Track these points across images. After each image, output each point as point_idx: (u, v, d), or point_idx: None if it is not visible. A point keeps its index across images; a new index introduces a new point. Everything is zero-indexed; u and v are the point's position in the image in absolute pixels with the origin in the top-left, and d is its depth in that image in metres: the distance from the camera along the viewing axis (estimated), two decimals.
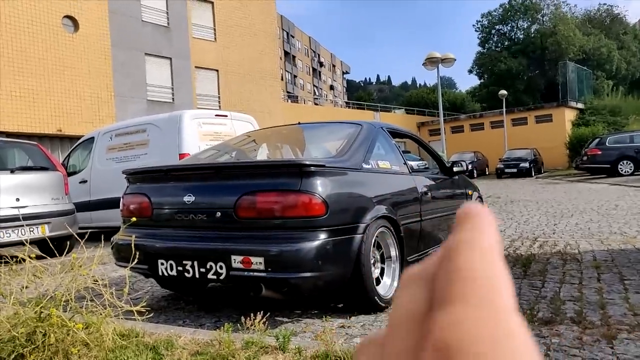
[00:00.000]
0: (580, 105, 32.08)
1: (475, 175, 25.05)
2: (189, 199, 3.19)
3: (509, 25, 44.34)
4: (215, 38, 22.40)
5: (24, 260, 2.51)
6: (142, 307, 2.39)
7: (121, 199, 3.69)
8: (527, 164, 24.16)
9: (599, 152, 18.29)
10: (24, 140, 7.79)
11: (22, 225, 5.58)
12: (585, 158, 19.06)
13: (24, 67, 15.53)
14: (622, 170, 17.68)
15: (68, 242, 6.19)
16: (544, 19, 42.38)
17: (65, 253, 5.88)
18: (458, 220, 0.23)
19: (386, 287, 3.40)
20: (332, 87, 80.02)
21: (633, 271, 3.96)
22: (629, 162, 17.69)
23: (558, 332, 2.67)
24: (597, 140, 19.36)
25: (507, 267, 0.22)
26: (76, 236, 2.88)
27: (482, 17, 45.66)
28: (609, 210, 8.27)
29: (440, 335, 0.18)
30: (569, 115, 31.06)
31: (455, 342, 0.18)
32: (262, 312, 2.68)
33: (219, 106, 21.60)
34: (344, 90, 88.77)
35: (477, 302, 0.19)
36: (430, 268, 0.23)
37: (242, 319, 2.71)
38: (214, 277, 3.00)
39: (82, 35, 17.07)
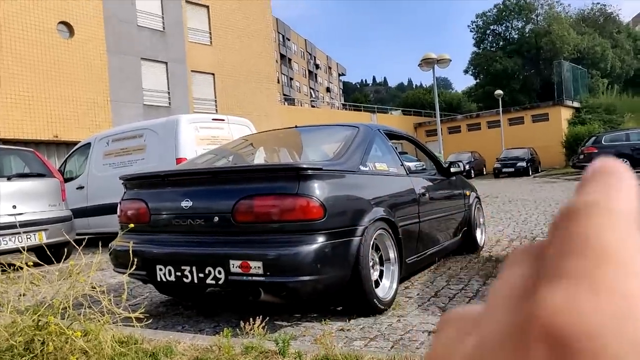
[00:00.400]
0: (576, 104, 32.19)
1: (472, 176, 25.08)
2: (186, 204, 3.18)
3: (504, 25, 44.48)
4: (211, 42, 22.40)
5: (22, 268, 2.50)
6: (140, 313, 2.38)
7: (119, 205, 3.68)
8: (524, 163, 24.21)
9: (596, 151, 18.34)
10: (20, 146, 7.77)
11: (19, 233, 5.56)
12: (581, 157, 19.10)
13: (20, 73, 15.50)
14: None
15: (65, 249, 6.16)
16: (538, 19, 42.52)
17: (62, 260, 5.85)
18: (586, 177, 0.19)
19: (385, 289, 3.40)
20: (328, 89, 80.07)
21: None
22: (625, 160, 17.71)
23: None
24: (593, 138, 19.43)
25: None
26: (73, 243, 2.87)
27: (476, 18, 45.77)
28: None
29: (552, 320, 0.14)
30: (565, 114, 31.16)
31: (571, 329, 0.14)
32: (261, 316, 2.68)
33: (216, 110, 21.59)
34: (341, 92, 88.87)
35: (603, 284, 0.14)
36: (542, 242, 0.18)
37: (242, 323, 2.70)
38: (213, 282, 2.99)
39: (78, 41, 17.05)
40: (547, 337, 0.14)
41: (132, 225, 3.10)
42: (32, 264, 2.52)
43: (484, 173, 28.82)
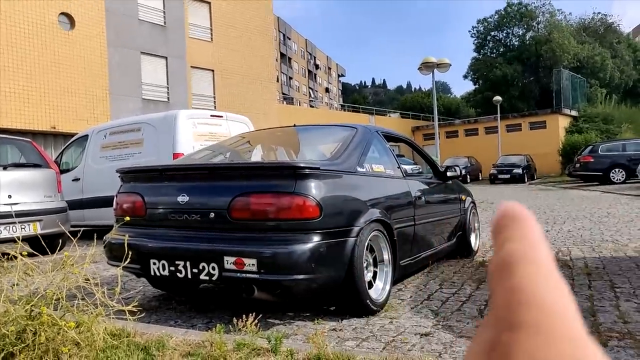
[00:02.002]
0: (574, 113, 32.31)
1: (468, 181, 25.13)
2: (182, 199, 3.18)
3: (504, 31, 44.58)
4: (211, 38, 22.38)
5: (15, 257, 2.50)
6: (133, 306, 2.38)
7: (115, 198, 3.67)
8: (520, 170, 24.28)
9: (592, 160, 18.42)
10: (17, 136, 7.74)
11: (14, 223, 5.54)
12: (578, 165, 19.18)
13: (19, 64, 15.44)
14: (614, 178, 17.81)
15: (60, 240, 6.15)
16: (539, 27, 42.64)
17: (57, 251, 5.84)
18: (500, 222, 0.22)
19: (378, 290, 3.40)
20: (327, 90, 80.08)
21: (624, 279, 3.99)
22: (621, 170, 17.82)
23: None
24: (589, 147, 19.50)
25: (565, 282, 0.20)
26: (68, 234, 2.87)
27: (477, 23, 45.86)
28: (601, 218, 8.32)
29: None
30: (563, 122, 31.27)
31: None
32: (254, 313, 2.68)
33: (214, 106, 21.57)
34: (340, 93, 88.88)
35: (554, 333, 0.18)
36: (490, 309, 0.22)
37: (234, 320, 2.71)
38: (207, 277, 2.99)
39: (78, 33, 17.00)
40: None
41: (127, 218, 3.10)
42: (26, 253, 2.52)
43: (480, 179, 28.88)
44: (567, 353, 0.17)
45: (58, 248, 6.08)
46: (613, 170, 17.92)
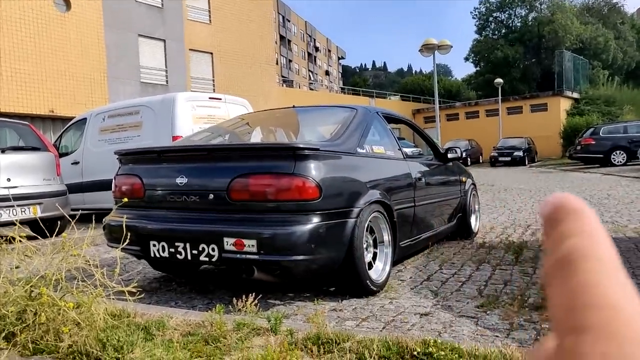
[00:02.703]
0: (575, 95, 32.12)
1: (469, 164, 25.11)
2: (181, 180, 3.17)
3: (507, 12, 44.12)
4: (210, 20, 22.14)
5: (14, 239, 2.49)
6: (133, 287, 2.38)
7: (113, 180, 3.66)
8: (520, 153, 24.25)
9: (593, 142, 18.36)
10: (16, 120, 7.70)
11: (14, 206, 5.54)
12: (579, 147, 19.13)
13: (16, 48, 15.31)
14: (615, 160, 17.78)
15: (59, 223, 6.15)
16: (542, 7, 42.18)
17: (56, 234, 5.85)
18: (554, 215, 0.20)
19: (378, 271, 3.41)
20: (327, 73, 79.58)
21: (623, 259, 3.97)
22: (621, 152, 17.78)
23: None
24: (591, 130, 19.42)
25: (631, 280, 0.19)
26: (67, 217, 2.86)
27: (479, 4, 45.34)
28: (601, 200, 8.32)
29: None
30: (564, 104, 31.11)
31: None
32: (254, 294, 2.69)
33: (213, 89, 21.44)
34: (340, 76, 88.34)
35: (624, 335, 0.17)
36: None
37: (234, 300, 2.71)
38: (206, 259, 3.00)
39: (75, 15, 16.82)
40: None
41: (126, 200, 3.08)
42: (24, 235, 2.51)
43: (481, 161, 28.85)
44: (635, 349, 0.16)
45: (56, 231, 6.07)
46: (614, 153, 17.88)
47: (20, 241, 2.55)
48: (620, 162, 17.67)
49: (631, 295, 0.18)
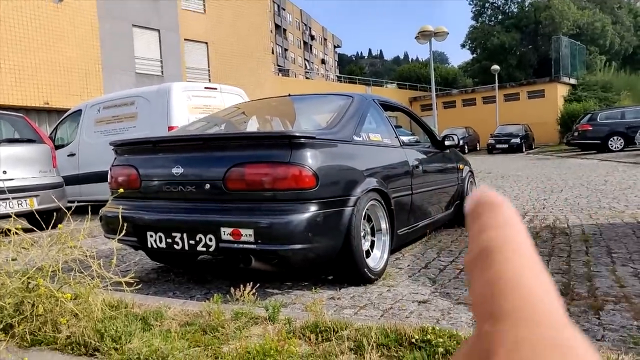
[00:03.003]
0: (572, 81, 32.06)
1: (466, 151, 25.11)
2: (177, 170, 3.15)
3: None
4: (204, 10, 21.96)
5: (10, 231, 2.48)
6: (131, 278, 2.37)
7: (109, 171, 3.64)
8: (518, 140, 24.25)
9: (590, 128, 18.37)
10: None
11: (9, 198, 5.52)
12: (576, 134, 19.14)
13: (10, 40, 15.16)
14: (612, 146, 17.79)
15: (56, 215, 6.13)
16: None
17: (52, 226, 5.84)
18: (475, 210, 0.22)
19: (376, 259, 3.41)
20: (323, 61, 79.18)
21: (620, 244, 4.00)
22: (619, 138, 17.79)
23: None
24: (588, 116, 19.42)
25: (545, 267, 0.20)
26: (64, 209, 2.85)
27: None
28: (598, 186, 8.33)
29: (507, 358, 0.17)
30: (561, 90, 31.06)
31: None
32: (252, 283, 2.68)
33: (209, 79, 21.32)
34: (336, 64, 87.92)
35: (537, 319, 0.18)
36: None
37: (232, 290, 2.71)
38: (204, 249, 2.99)
39: (69, 6, 16.64)
40: None
41: (121, 190, 3.07)
42: (20, 227, 2.50)
43: (478, 149, 28.85)
44: (550, 339, 0.17)
45: (52, 223, 6.07)
46: (611, 139, 17.89)
47: (16, 233, 2.53)
48: (618, 147, 17.69)
49: (544, 283, 0.19)
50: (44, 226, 3.46)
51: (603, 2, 42.69)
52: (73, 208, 2.74)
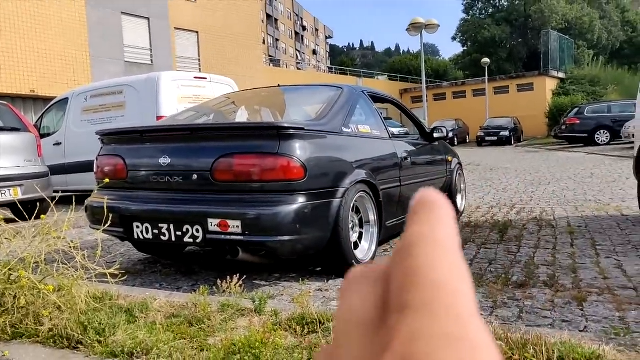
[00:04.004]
0: (561, 75, 32.27)
1: (456, 143, 25.21)
2: (164, 161, 3.12)
3: None
4: None
5: None
6: (116, 270, 2.35)
7: (95, 161, 3.59)
8: (507, 133, 24.39)
9: (577, 122, 18.51)
10: None
11: None
12: (564, 127, 19.28)
13: None
14: (598, 140, 17.95)
15: (39, 205, 6.05)
16: None
17: (36, 216, 5.77)
18: (413, 208, 0.22)
19: (364, 251, 3.41)
20: (314, 52, 78.83)
21: (605, 237, 4.04)
22: (605, 131, 17.95)
23: (531, 295, 2.72)
24: (576, 109, 19.56)
25: (465, 262, 0.20)
26: (48, 200, 2.80)
27: None
28: (584, 179, 8.41)
29: (401, 350, 0.17)
30: (550, 84, 31.25)
31: (419, 356, 0.17)
32: (239, 275, 2.67)
33: (199, 69, 21.13)
34: (327, 55, 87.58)
35: (440, 311, 0.17)
36: (383, 266, 0.21)
37: (219, 282, 2.70)
38: (191, 240, 2.97)
39: None
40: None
41: (107, 180, 3.03)
42: (2, 217, 2.46)
43: (467, 141, 28.98)
44: (449, 330, 0.17)
45: (35, 213, 5.99)
46: (598, 132, 18.05)
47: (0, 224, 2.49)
48: (604, 141, 17.85)
49: (460, 275, 0.19)
50: (27, 217, 3.41)
51: None
52: (57, 198, 2.69)
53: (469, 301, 0.18)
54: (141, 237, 3.16)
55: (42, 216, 2.37)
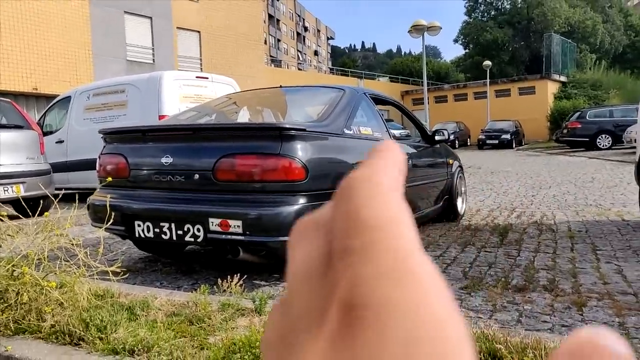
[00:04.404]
0: (563, 79, 32.25)
1: (457, 146, 25.22)
2: (166, 160, 3.13)
3: None
4: None
5: None
6: (118, 267, 2.36)
7: (97, 159, 3.61)
8: (508, 136, 24.39)
9: (579, 126, 18.51)
10: None
11: None
12: (565, 131, 19.28)
13: None
14: (600, 144, 17.95)
15: (41, 202, 6.07)
16: None
17: (39, 213, 5.78)
18: (367, 157, 0.21)
19: None
20: (316, 53, 78.88)
21: (605, 242, 4.05)
22: (607, 136, 17.95)
23: (530, 299, 2.73)
24: (577, 113, 19.56)
25: (407, 208, 0.19)
26: (51, 197, 2.82)
27: None
28: (585, 183, 8.41)
29: (345, 296, 0.17)
30: (552, 88, 31.24)
31: (361, 300, 0.16)
32: (239, 275, 2.68)
33: (201, 68, 21.16)
34: (328, 56, 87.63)
35: (380, 253, 0.17)
36: (325, 213, 0.21)
37: (220, 281, 2.71)
38: (192, 239, 2.98)
39: None
40: (345, 307, 0.17)
41: (109, 179, 3.04)
42: (5, 214, 2.47)
43: (468, 144, 28.98)
44: (391, 269, 0.17)
45: (38, 210, 6.00)
46: (599, 136, 18.05)
47: (1, 220, 2.50)
48: (606, 146, 17.86)
49: (399, 215, 0.18)
50: (30, 213, 3.42)
51: (594, 0, 42.89)
52: (60, 196, 2.71)
53: (409, 239, 0.18)
54: (142, 235, 3.18)
55: (46, 213, 2.39)
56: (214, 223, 2.85)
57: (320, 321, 0.18)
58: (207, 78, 7.62)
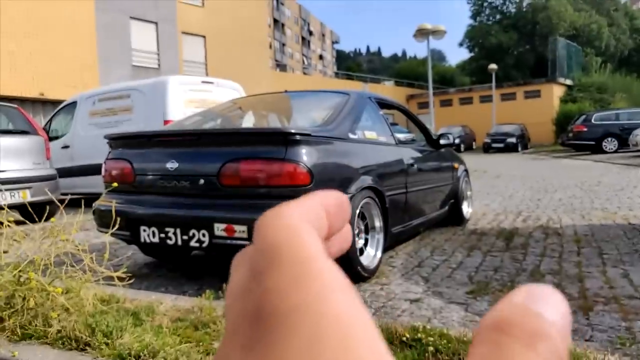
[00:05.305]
0: (568, 82, 32.16)
1: (462, 150, 25.17)
2: (172, 165, 3.14)
3: None
4: (202, 3, 21.87)
5: (1, 223, 2.47)
6: (123, 273, 2.37)
7: (103, 164, 3.62)
8: (514, 139, 24.34)
9: (585, 129, 18.44)
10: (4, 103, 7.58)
11: (2, 190, 5.48)
12: (571, 134, 19.22)
13: (4, 30, 15.03)
14: (606, 148, 17.87)
15: (47, 207, 6.10)
16: None
17: (45, 218, 5.81)
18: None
19: (369, 257, 3.41)
20: (321, 57, 79.05)
21: (612, 246, 4.03)
22: (613, 139, 17.87)
23: None
24: (583, 117, 19.49)
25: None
26: (57, 202, 2.83)
27: None
28: (591, 187, 8.37)
29: (253, 308, 0.19)
30: (557, 91, 31.16)
31: (269, 310, 0.18)
32: None
33: (206, 73, 21.24)
34: (334, 61, 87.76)
35: (284, 264, 0.19)
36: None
37: (224, 286, 2.71)
38: (197, 244, 2.98)
39: None
40: (260, 312, 0.18)
41: (115, 184, 3.06)
42: (12, 220, 2.49)
43: (474, 148, 28.91)
44: (293, 274, 0.18)
45: (45, 216, 6.03)
46: (605, 140, 17.97)
47: (8, 226, 2.52)
48: (612, 149, 17.77)
49: (301, 226, 0.21)
50: (36, 219, 3.44)
51: (599, 4, 42.81)
52: (67, 201, 2.72)
53: (310, 246, 0.20)
54: (148, 240, 3.18)
55: (52, 219, 2.40)
56: (219, 228, 2.85)
57: (239, 335, 0.19)
58: (212, 83, 7.65)
